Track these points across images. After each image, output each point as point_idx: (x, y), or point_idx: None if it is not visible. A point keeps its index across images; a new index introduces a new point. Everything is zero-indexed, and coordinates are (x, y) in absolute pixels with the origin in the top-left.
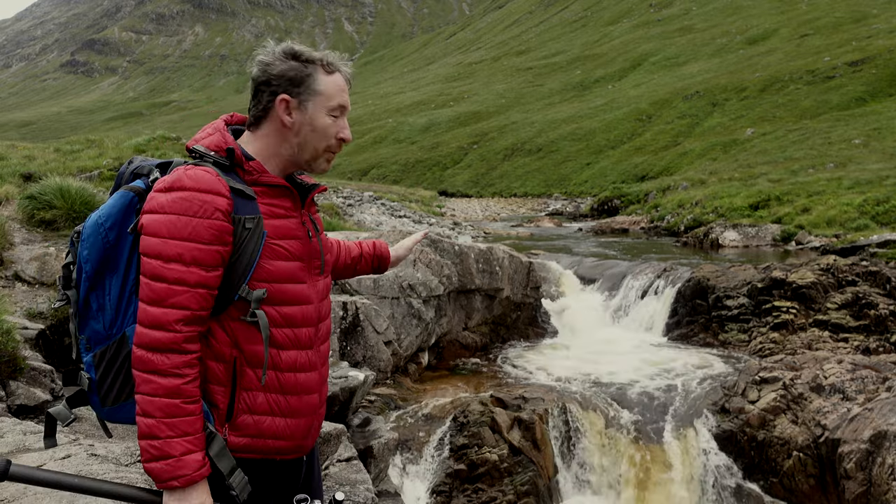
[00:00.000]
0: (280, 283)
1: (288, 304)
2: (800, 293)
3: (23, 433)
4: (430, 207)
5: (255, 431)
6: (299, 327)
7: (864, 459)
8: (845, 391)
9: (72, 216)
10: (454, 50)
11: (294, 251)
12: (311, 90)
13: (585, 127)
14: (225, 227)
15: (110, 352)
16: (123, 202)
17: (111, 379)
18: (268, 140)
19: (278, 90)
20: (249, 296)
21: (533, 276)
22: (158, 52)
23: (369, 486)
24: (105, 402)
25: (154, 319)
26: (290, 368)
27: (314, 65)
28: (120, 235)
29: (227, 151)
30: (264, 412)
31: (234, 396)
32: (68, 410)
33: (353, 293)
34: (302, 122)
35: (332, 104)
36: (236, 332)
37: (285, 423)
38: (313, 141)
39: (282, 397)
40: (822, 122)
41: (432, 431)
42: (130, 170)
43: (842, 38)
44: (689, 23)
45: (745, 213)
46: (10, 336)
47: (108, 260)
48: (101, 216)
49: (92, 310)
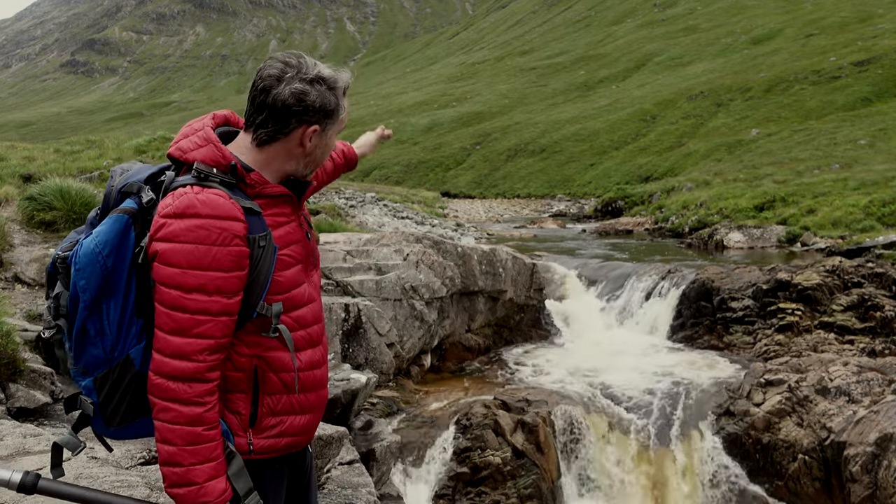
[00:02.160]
0: (290, 291)
1: (298, 308)
2: (805, 295)
3: (22, 436)
4: (433, 208)
5: (278, 432)
6: (311, 326)
7: (869, 462)
8: (851, 394)
9: (72, 217)
10: (457, 50)
11: (297, 256)
12: (334, 119)
13: (589, 127)
14: (244, 252)
15: (113, 375)
16: (119, 227)
17: (117, 401)
18: (274, 156)
19: (311, 121)
20: (268, 312)
21: (536, 277)
22: (159, 52)
23: (371, 489)
24: (111, 423)
25: (177, 349)
26: (309, 367)
27: (335, 89)
28: (117, 261)
29: (230, 168)
30: (288, 412)
31: (257, 401)
32: (77, 439)
33: (356, 295)
34: (318, 145)
35: (341, 126)
36: (256, 344)
37: (305, 420)
38: (321, 158)
39: (303, 396)
40: (827, 122)
41: (435, 434)
42: (116, 189)
43: (847, 38)
44: (694, 23)
45: (749, 214)
46: (10, 338)
47: (105, 286)
48: (97, 245)
49: (90, 336)
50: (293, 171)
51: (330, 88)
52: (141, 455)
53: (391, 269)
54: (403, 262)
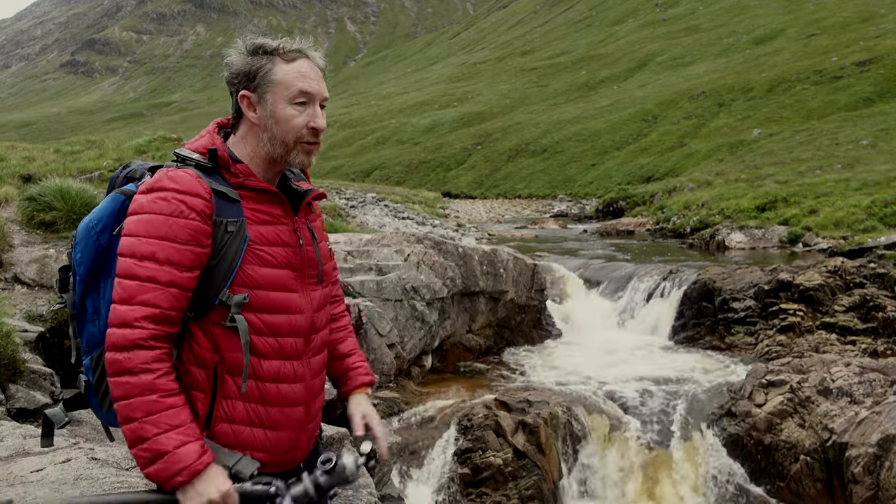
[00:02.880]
0: (264, 290)
1: (272, 313)
2: (807, 295)
3: (22, 437)
4: (434, 209)
5: (233, 441)
6: (284, 337)
7: (871, 463)
8: (853, 394)
9: (72, 218)
10: (458, 50)
11: (282, 259)
12: (268, 81)
13: (590, 128)
14: (202, 229)
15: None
16: (114, 206)
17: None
18: (246, 141)
19: (239, 87)
20: (229, 300)
21: (538, 278)
22: (159, 52)
23: (372, 490)
24: (103, 405)
25: (121, 317)
26: (273, 379)
27: (271, 55)
28: (111, 239)
29: (209, 153)
30: (243, 422)
31: (213, 404)
32: (63, 413)
33: (356, 295)
34: (265, 116)
35: (291, 92)
36: (217, 338)
37: (265, 435)
38: (280, 134)
39: (262, 408)
40: (829, 122)
41: (436, 435)
42: (124, 174)
43: (849, 38)
44: (696, 22)
45: (751, 214)
46: (10, 339)
47: (101, 263)
48: (91, 220)
49: (88, 313)
50: (269, 155)
51: (254, 52)
52: None
53: (392, 270)
54: (404, 263)
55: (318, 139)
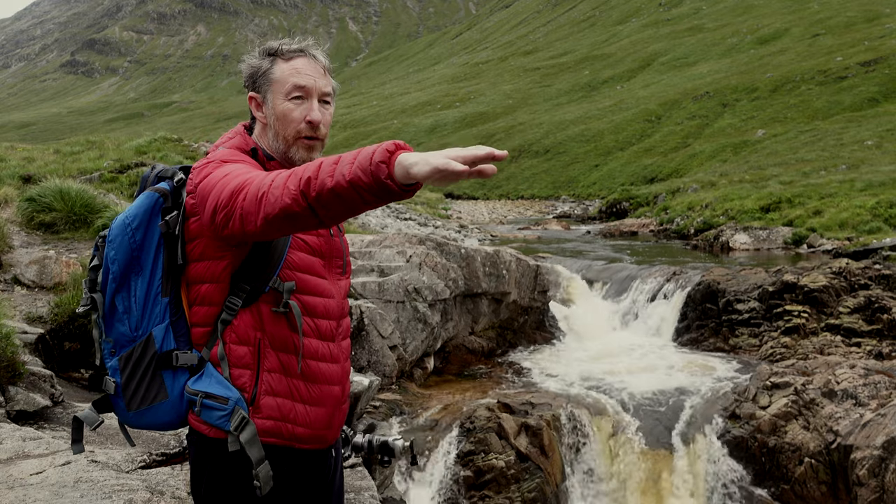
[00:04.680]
0: (302, 272)
1: (309, 294)
2: (811, 297)
3: (22, 439)
4: (436, 210)
5: (277, 414)
6: (320, 318)
7: (876, 466)
8: (858, 397)
9: (71, 219)
10: (460, 50)
11: (314, 246)
12: (267, 80)
13: (594, 128)
14: None
15: (136, 353)
16: (149, 203)
17: (137, 381)
18: (260, 141)
19: (248, 90)
20: (281, 287)
21: (540, 279)
22: (160, 52)
23: (374, 492)
24: (131, 406)
25: (224, 185)
26: (312, 356)
27: (272, 56)
28: (146, 236)
29: (251, 151)
30: (285, 395)
31: (258, 378)
32: (96, 414)
33: (358, 297)
34: (268, 114)
35: (286, 87)
36: (263, 316)
37: (305, 410)
38: (281, 130)
39: (302, 384)
40: (834, 122)
41: (438, 437)
42: (155, 174)
43: (854, 38)
44: (699, 22)
45: (755, 215)
46: (10, 341)
47: (134, 261)
48: (127, 217)
49: (118, 312)
50: (279, 152)
51: (259, 56)
52: (141, 459)
53: (394, 271)
54: (406, 264)
55: (318, 134)
